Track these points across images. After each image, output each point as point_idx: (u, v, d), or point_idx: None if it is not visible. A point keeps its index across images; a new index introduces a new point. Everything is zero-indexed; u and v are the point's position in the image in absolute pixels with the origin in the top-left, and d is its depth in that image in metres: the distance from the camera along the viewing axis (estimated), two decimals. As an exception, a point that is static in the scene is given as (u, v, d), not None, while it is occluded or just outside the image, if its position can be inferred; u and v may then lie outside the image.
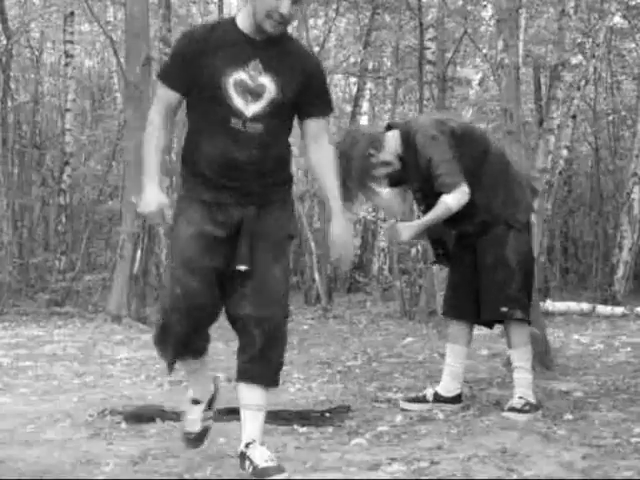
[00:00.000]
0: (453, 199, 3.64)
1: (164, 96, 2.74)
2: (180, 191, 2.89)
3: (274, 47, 2.67)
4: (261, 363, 2.78)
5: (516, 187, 3.82)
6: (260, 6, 2.58)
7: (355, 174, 3.70)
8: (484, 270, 3.76)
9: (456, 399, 3.89)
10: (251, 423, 2.81)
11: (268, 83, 2.64)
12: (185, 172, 2.81)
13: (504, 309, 3.71)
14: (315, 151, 2.82)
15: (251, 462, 2.69)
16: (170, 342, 2.87)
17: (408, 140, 3.77)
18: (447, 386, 3.92)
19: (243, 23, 2.67)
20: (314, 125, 2.79)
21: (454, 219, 3.75)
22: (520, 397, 3.68)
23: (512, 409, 3.65)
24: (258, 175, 2.70)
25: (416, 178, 3.82)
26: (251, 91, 2.62)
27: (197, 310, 2.75)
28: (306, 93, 2.72)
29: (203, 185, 2.72)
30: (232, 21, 2.72)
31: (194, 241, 2.69)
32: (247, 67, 2.63)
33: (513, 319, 3.72)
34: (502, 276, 3.71)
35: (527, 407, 3.63)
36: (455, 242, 3.91)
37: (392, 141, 3.81)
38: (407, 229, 3.76)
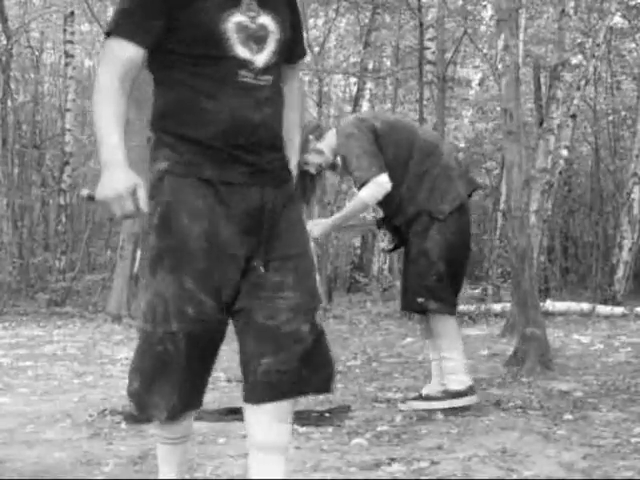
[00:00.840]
0: (367, 193, 3.68)
1: (123, 54, 2.00)
2: (160, 164, 2.08)
3: None
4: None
5: (444, 179, 3.79)
6: None
7: None
8: (408, 262, 3.82)
9: (471, 389, 3.83)
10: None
11: (269, 23, 2.09)
12: (173, 140, 2.06)
13: (420, 299, 3.72)
14: (287, 98, 2.22)
15: None
16: (166, 390, 2.12)
17: None
18: (453, 380, 3.85)
19: None
20: (291, 69, 2.28)
21: (387, 213, 3.87)
22: (443, 384, 3.77)
23: (425, 397, 3.77)
24: (272, 142, 2.10)
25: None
26: (254, 35, 2.05)
27: (210, 336, 2.19)
28: (293, 30, 2.23)
29: (205, 157, 2.02)
30: None
31: (206, 244, 2.00)
32: (241, 7, 2.04)
33: (428, 310, 3.72)
34: (421, 267, 3.72)
35: (443, 394, 3.72)
36: (398, 236, 3.99)
37: (330, 137, 3.87)
38: (318, 226, 3.84)
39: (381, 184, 3.65)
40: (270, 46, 2.09)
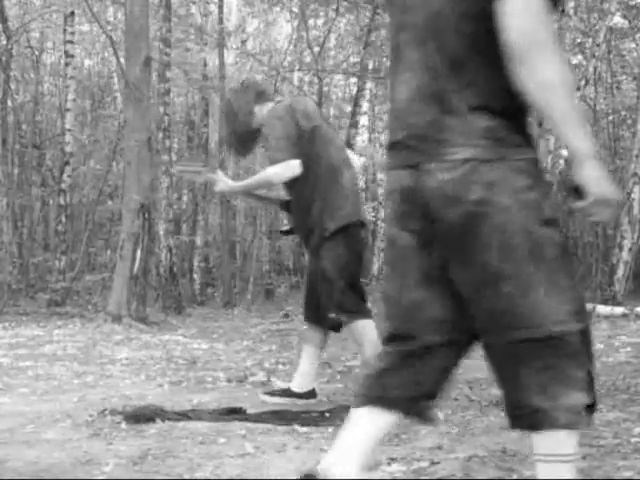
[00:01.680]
0: (275, 170, 3.81)
1: None
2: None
3: None
4: None
5: (339, 197, 3.91)
6: None
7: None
8: (313, 280, 4.06)
9: (310, 394, 4.16)
10: None
11: None
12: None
13: (331, 316, 3.97)
14: None
15: None
16: None
17: None
18: (299, 383, 4.16)
19: None
20: None
21: (293, 216, 4.06)
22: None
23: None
24: None
25: None
26: None
27: None
28: None
29: None
30: None
31: None
32: None
33: (343, 323, 3.97)
34: (324, 287, 3.93)
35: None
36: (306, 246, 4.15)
37: (265, 110, 4.01)
38: (223, 183, 3.98)
39: (291, 167, 3.79)
40: None
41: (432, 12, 1.80)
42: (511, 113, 1.78)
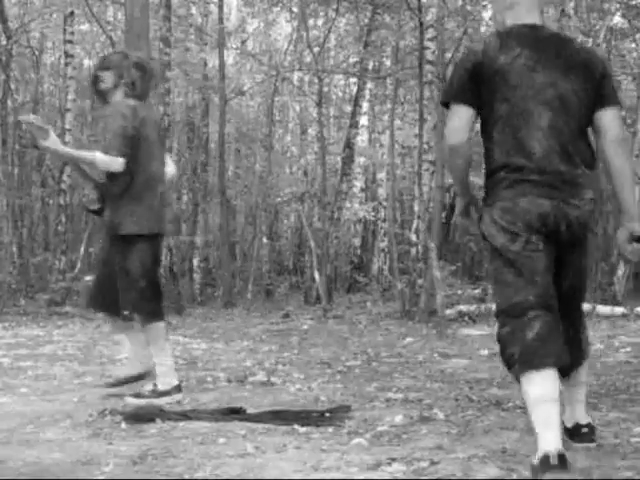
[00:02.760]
0: (102, 158, 3.97)
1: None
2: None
3: None
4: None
5: (147, 207, 4.15)
6: None
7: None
8: (119, 274, 4.16)
9: (177, 388, 4.23)
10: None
11: None
12: None
13: (125, 312, 4.17)
14: None
15: None
16: None
17: None
18: (163, 380, 4.21)
19: None
20: None
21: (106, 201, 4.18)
22: (154, 384, 4.19)
23: (137, 395, 4.15)
24: None
25: None
26: None
27: None
28: None
29: None
30: None
31: None
32: None
33: (134, 321, 4.19)
34: (124, 284, 4.13)
35: (152, 393, 4.15)
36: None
37: (116, 95, 4.23)
38: (52, 142, 3.97)
39: (117, 164, 3.99)
40: None
41: (562, 95, 2.76)
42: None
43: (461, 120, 2.84)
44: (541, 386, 2.58)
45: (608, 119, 2.86)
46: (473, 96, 2.79)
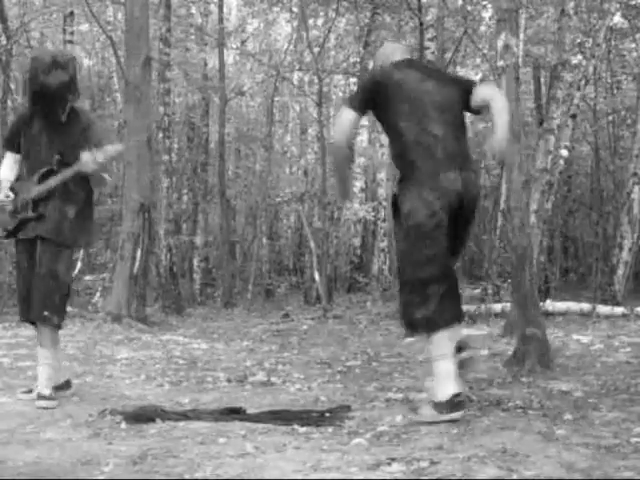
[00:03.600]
0: (87, 158, 4.12)
1: None
2: None
3: None
4: None
5: (89, 218, 4.38)
6: None
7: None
8: (37, 275, 4.20)
9: (67, 384, 4.39)
10: None
11: None
12: None
13: (46, 313, 4.19)
14: None
15: None
16: None
17: None
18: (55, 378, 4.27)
19: None
20: None
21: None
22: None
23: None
24: None
25: None
26: None
27: None
28: None
29: None
30: None
31: None
32: None
33: (50, 324, 4.21)
34: (50, 286, 4.19)
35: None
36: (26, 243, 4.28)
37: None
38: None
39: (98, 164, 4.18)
40: None
41: (445, 97, 3.73)
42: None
43: (344, 124, 3.73)
44: (443, 345, 3.45)
45: (485, 89, 3.86)
46: (366, 106, 3.74)
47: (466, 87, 3.79)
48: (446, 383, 3.46)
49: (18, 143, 4.32)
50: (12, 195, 4.24)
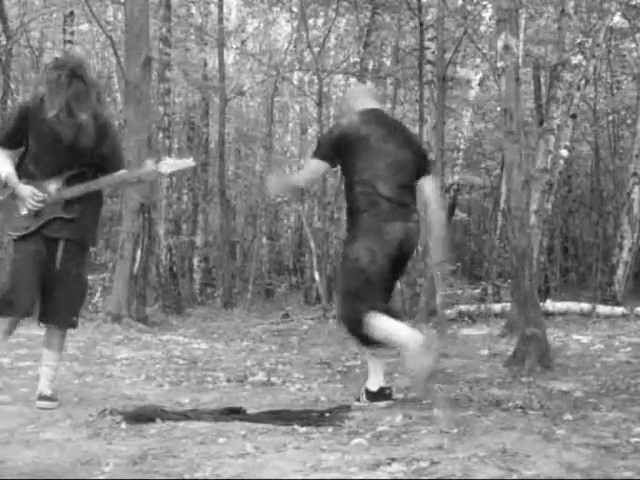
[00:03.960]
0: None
1: None
2: None
3: None
4: None
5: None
6: None
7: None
8: (62, 280, 4.08)
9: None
10: None
11: None
12: None
13: (74, 319, 4.18)
14: None
15: None
16: None
17: None
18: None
19: None
20: None
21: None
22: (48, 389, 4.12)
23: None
24: None
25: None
26: None
27: None
28: None
29: None
30: None
31: None
32: None
33: (72, 327, 4.22)
34: (78, 291, 4.20)
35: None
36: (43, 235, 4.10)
37: None
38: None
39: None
40: None
41: (402, 158, 4.11)
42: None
43: (312, 172, 4.21)
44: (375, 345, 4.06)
45: (429, 185, 4.21)
46: (335, 156, 4.09)
47: (420, 160, 4.23)
48: (379, 376, 4.11)
49: (19, 141, 4.13)
50: (41, 195, 4.02)
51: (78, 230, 4.11)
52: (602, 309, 9.10)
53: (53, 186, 4.06)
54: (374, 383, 4.12)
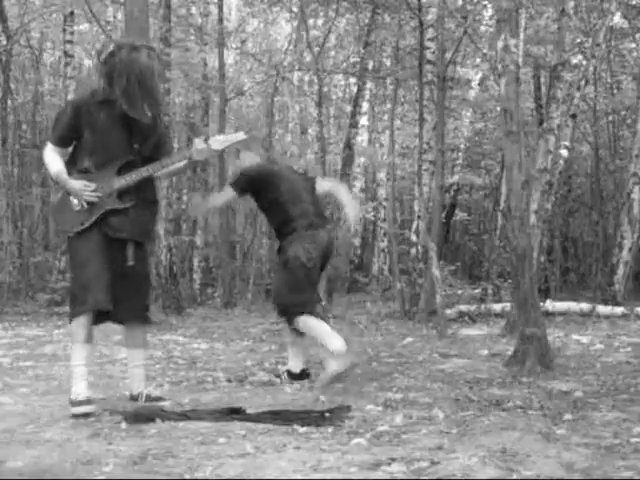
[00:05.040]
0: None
1: None
2: None
3: None
4: None
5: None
6: None
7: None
8: (132, 278, 4.04)
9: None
10: None
11: None
12: None
13: (148, 313, 4.25)
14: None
15: None
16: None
17: None
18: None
19: None
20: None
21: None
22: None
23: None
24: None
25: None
26: None
27: None
28: None
29: None
30: None
31: None
32: None
33: (149, 322, 4.35)
34: (147, 287, 4.28)
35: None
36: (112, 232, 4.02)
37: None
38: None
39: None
40: None
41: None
42: None
43: (226, 199, 5.29)
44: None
45: (322, 183, 5.34)
46: (245, 192, 5.10)
47: (313, 180, 5.26)
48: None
49: (74, 138, 3.98)
50: (93, 185, 3.93)
51: (142, 230, 4.05)
52: (602, 309, 9.10)
53: (108, 177, 3.95)
54: (296, 366, 4.97)
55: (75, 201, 3.96)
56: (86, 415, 3.77)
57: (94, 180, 3.95)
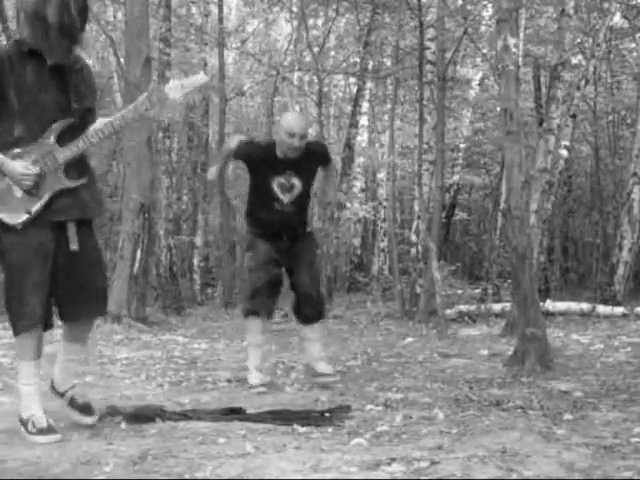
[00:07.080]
0: None
1: None
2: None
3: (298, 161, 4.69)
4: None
5: None
6: (282, 145, 4.63)
7: None
8: (88, 264, 3.47)
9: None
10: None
11: (297, 182, 4.75)
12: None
13: (103, 305, 3.74)
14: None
15: None
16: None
17: None
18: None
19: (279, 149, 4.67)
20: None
21: None
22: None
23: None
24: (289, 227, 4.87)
25: None
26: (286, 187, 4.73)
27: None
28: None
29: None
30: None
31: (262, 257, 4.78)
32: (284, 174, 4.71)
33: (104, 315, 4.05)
34: (103, 273, 3.65)
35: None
36: None
37: None
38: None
39: None
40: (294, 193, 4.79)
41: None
42: None
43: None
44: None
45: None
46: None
47: None
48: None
49: None
50: (36, 168, 3.24)
51: (90, 205, 3.41)
52: (602, 309, 9.10)
53: (48, 149, 3.27)
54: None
55: (14, 186, 3.26)
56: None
57: (31, 153, 3.25)
